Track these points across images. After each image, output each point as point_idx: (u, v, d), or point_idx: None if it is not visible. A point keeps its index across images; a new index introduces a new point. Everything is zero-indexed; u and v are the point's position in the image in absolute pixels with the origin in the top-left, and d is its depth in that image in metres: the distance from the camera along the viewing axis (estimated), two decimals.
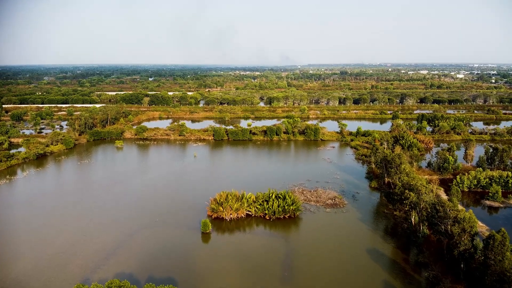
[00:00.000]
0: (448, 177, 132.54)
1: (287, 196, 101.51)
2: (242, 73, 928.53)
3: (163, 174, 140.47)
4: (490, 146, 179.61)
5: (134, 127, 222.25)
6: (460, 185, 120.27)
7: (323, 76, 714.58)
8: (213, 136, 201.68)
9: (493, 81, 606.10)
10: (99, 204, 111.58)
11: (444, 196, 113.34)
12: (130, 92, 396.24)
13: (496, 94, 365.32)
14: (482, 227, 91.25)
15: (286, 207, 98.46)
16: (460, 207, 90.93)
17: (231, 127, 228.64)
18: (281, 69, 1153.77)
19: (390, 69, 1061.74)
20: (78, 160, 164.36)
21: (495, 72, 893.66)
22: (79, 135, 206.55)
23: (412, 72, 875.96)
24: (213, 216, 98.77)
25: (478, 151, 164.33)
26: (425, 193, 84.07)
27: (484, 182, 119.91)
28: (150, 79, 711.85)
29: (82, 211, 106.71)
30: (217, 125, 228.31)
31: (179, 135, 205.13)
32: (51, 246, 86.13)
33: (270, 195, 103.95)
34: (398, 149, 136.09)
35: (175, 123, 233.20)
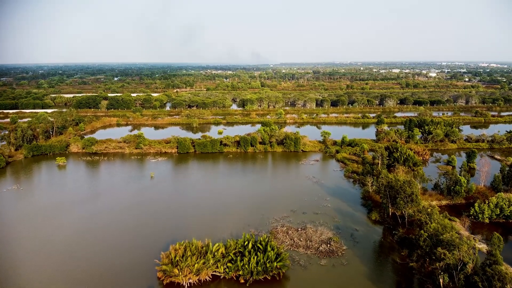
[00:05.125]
0: (459, 202, 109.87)
1: (268, 247, 74.58)
2: (213, 72, 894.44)
3: (104, 208, 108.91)
4: (493, 158, 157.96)
5: (86, 136, 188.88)
6: (480, 215, 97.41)
7: (296, 76, 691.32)
8: (177, 148, 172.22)
9: (467, 79, 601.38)
10: (10, 261, 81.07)
11: (461, 230, 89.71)
12: (88, 94, 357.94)
13: (477, 94, 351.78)
14: None
15: (268, 265, 71.41)
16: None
17: (199, 134, 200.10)
18: (253, 68, 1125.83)
19: (362, 68, 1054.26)
20: (5, 184, 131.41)
21: (464, 70, 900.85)
22: (16, 150, 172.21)
23: (384, 71, 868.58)
24: (165, 281, 70.22)
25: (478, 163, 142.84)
26: (466, 251, 59.34)
27: (508, 212, 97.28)
28: (115, 79, 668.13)
29: None
30: (183, 133, 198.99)
31: (136, 148, 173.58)
32: None
33: (246, 243, 76.86)
34: (402, 170, 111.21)
35: (134, 132, 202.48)
